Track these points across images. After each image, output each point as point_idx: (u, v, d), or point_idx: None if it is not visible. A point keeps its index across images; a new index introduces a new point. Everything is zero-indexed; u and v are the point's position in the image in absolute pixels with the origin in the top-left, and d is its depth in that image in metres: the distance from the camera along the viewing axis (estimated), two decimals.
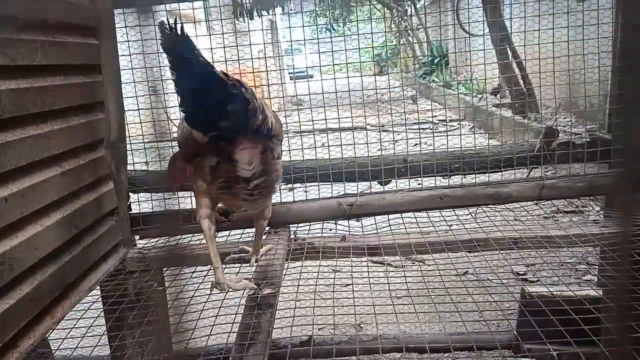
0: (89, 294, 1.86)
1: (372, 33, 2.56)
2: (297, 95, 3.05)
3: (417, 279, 1.92)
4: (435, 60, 10.32)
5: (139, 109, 2.25)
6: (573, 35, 2.38)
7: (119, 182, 2.03)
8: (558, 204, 3.48)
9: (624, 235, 0.86)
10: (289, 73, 9.04)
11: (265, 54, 2.66)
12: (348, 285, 1.84)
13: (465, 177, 2.34)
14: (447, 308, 1.99)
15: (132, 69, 2.18)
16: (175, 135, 1.77)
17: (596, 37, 2.35)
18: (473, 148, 2.35)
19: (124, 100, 2.07)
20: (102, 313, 1.88)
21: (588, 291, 1.87)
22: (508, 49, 4.69)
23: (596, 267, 2.92)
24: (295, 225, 2.28)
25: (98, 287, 1.94)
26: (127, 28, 2.17)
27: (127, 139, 2.14)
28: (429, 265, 2.59)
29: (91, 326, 1.69)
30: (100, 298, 1.98)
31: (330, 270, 1.94)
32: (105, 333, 1.86)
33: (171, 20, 1.36)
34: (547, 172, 2.38)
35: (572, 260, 3.17)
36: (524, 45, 2.62)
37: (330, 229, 2.29)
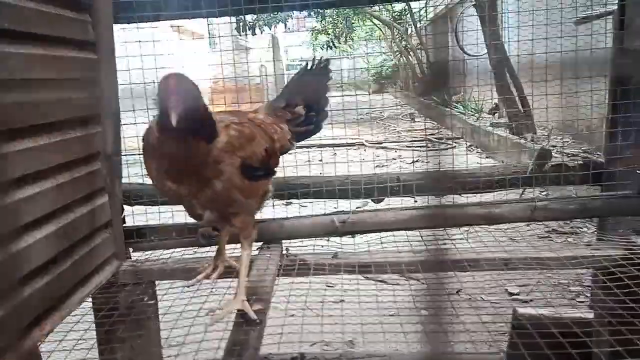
0: (80, 307, 1.86)
1: (368, 54, 2.59)
2: None
3: (407, 297, 1.92)
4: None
5: (136, 123, 2.28)
6: (567, 59, 2.42)
7: (113, 195, 2.04)
8: (552, 224, 3.49)
9: None
10: None
11: (265, 71, 2.68)
12: (339, 302, 1.85)
13: (459, 197, 2.36)
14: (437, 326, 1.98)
15: (130, 84, 2.21)
16: None
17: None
18: (466, 168, 2.37)
19: (121, 114, 2.09)
20: (93, 326, 1.88)
21: (579, 314, 1.88)
22: (505, 70, 4.74)
23: (589, 288, 2.92)
24: (288, 241, 2.29)
25: (89, 300, 1.95)
26: (127, 43, 2.20)
27: (123, 152, 2.16)
28: (422, 282, 2.59)
29: (81, 339, 1.69)
30: (91, 311, 1.98)
31: (322, 287, 1.94)
32: (95, 346, 1.86)
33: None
34: (540, 193, 2.39)
35: (565, 282, 3.17)
36: (518, 68, 2.66)
37: (323, 246, 2.30)
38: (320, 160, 2.50)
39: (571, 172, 2.31)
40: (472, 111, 7.17)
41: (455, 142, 6.21)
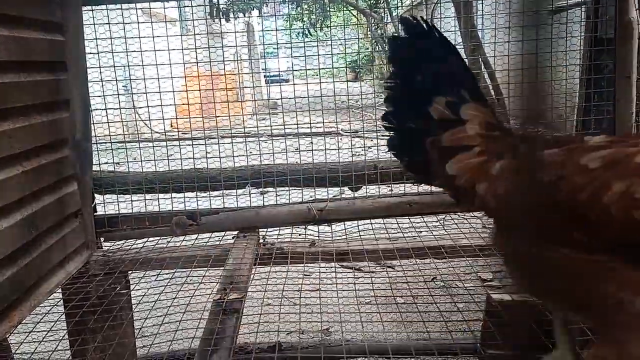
0: (50, 297, 1.80)
1: (345, 39, 2.57)
2: (269, 99, 3.05)
3: (383, 285, 1.92)
4: None
5: (106, 109, 2.21)
6: (542, 48, 2.43)
7: (83, 183, 1.98)
8: None
9: None
10: (265, 76, 9.00)
11: (239, 57, 2.63)
12: (316, 290, 1.83)
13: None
14: (413, 312, 2.00)
15: (100, 67, 2.14)
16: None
17: (564, 50, 2.40)
18: None
19: (90, 99, 2.02)
20: (64, 316, 1.84)
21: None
22: (480, 59, 4.76)
23: None
24: (265, 229, 2.27)
25: (59, 291, 1.89)
26: (96, 25, 2.12)
27: (94, 138, 2.10)
28: (397, 270, 2.60)
29: (51, 329, 1.64)
30: (61, 302, 1.93)
31: (299, 276, 1.93)
32: (66, 337, 1.82)
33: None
34: None
35: None
36: (494, 57, 2.66)
37: (300, 234, 2.28)
38: (297, 149, 2.47)
39: None
40: None
41: None
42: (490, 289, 2.96)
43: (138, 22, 2.18)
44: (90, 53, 2.06)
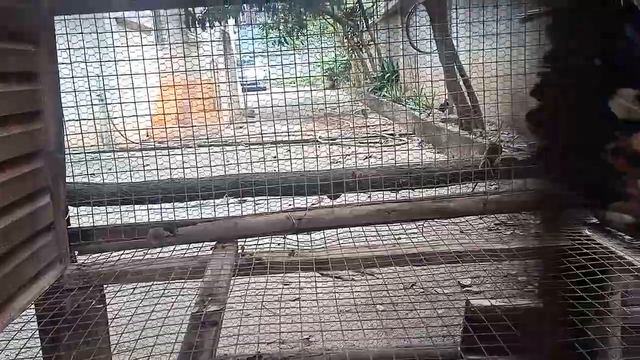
0: (22, 314, 1.76)
1: (321, 47, 2.58)
2: (246, 108, 3.04)
3: (364, 293, 1.92)
4: (386, 76, 10.52)
5: (79, 119, 2.17)
6: (516, 56, 2.48)
7: (56, 196, 1.94)
8: (502, 217, 3.58)
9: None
10: (241, 85, 8.98)
11: (216, 65, 2.62)
12: (296, 300, 1.82)
13: (412, 192, 2.38)
14: (394, 319, 2.00)
15: (72, 77, 2.11)
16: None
17: (538, 58, 2.45)
18: (420, 163, 2.39)
19: (64, 109, 1.99)
20: (37, 333, 1.79)
21: (530, 303, 1.93)
22: (455, 66, 4.83)
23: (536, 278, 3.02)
24: (243, 239, 2.25)
25: (32, 307, 1.84)
26: (69, 35, 2.09)
27: (67, 149, 2.06)
28: (377, 278, 2.60)
29: (24, 347, 1.59)
30: (34, 318, 1.88)
31: (278, 286, 1.92)
32: (41, 354, 1.77)
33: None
34: (491, 187, 2.44)
35: (514, 272, 3.27)
36: (469, 64, 2.70)
37: (279, 244, 2.27)
38: (275, 157, 2.47)
39: (521, 166, 2.37)
40: (423, 107, 7.31)
41: (409, 138, 6.31)
42: (469, 295, 2.99)
43: (112, 32, 2.15)
44: (63, 63, 2.03)
